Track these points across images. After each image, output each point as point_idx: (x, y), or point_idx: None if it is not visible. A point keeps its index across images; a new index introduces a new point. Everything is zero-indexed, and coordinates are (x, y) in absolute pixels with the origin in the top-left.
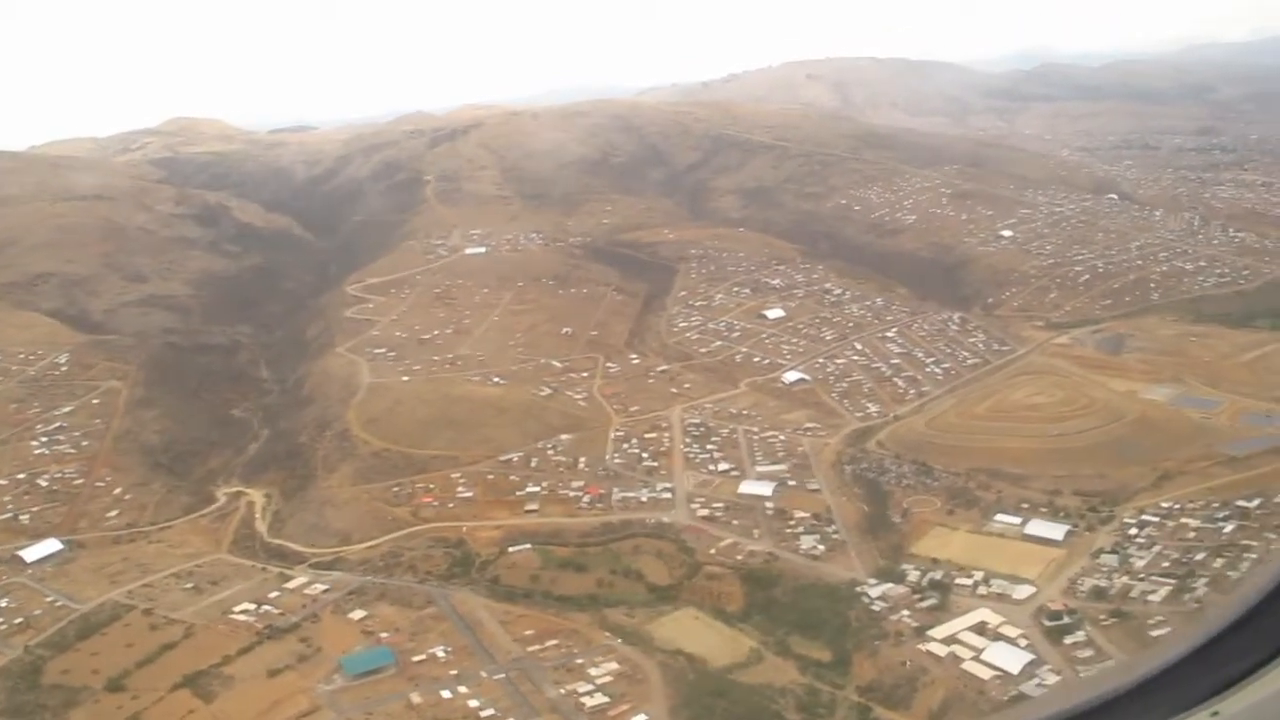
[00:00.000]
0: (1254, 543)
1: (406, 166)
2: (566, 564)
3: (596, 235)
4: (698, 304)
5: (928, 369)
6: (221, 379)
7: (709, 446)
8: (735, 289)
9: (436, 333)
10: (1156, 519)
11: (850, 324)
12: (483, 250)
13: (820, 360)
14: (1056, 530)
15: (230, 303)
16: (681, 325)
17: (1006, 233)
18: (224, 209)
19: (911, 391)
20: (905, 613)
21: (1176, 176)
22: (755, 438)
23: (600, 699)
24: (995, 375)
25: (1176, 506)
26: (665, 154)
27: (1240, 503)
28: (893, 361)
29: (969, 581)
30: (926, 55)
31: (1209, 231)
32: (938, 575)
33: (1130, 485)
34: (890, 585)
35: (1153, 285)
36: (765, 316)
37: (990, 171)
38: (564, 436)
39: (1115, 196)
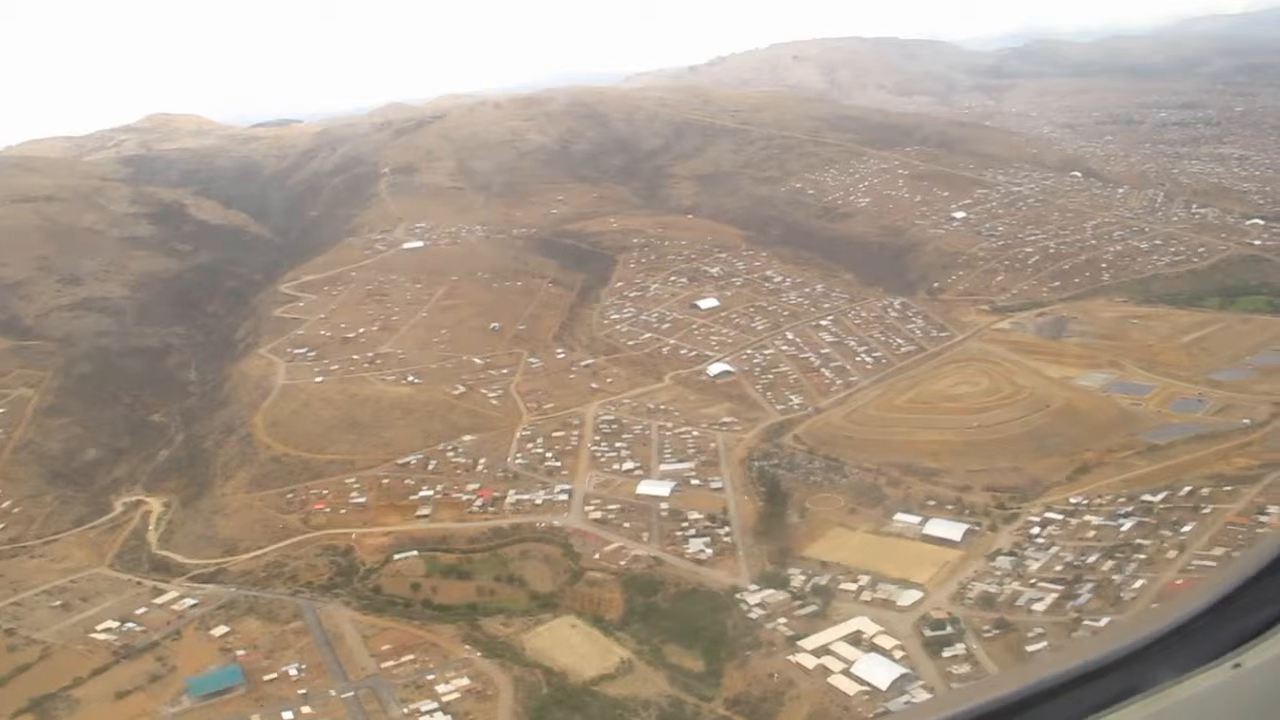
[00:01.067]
0: (1147, 541)
1: (367, 159)
2: (450, 571)
3: (543, 226)
4: (632, 295)
5: (858, 358)
6: (145, 383)
7: (618, 444)
8: (672, 278)
9: (362, 331)
10: (1060, 516)
11: (785, 313)
12: (420, 244)
13: (749, 351)
14: (955, 530)
15: (169, 303)
16: (613, 317)
17: (959, 214)
18: (180, 207)
19: (839, 382)
20: (782, 620)
21: (1154, 151)
22: (669, 434)
23: (442, 719)
24: (927, 363)
25: (1084, 502)
26: (628, 141)
27: (1146, 497)
28: (823, 351)
29: (854, 586)
30: (918, 34)
31: (1171, 208)
32: (823, 580)
33: (1045, 479)
34: (771, 591)
35: (1104, 265)
36: (697, 306)
37: (955, 152)
38: (467, 437)
39: (1079, 174)
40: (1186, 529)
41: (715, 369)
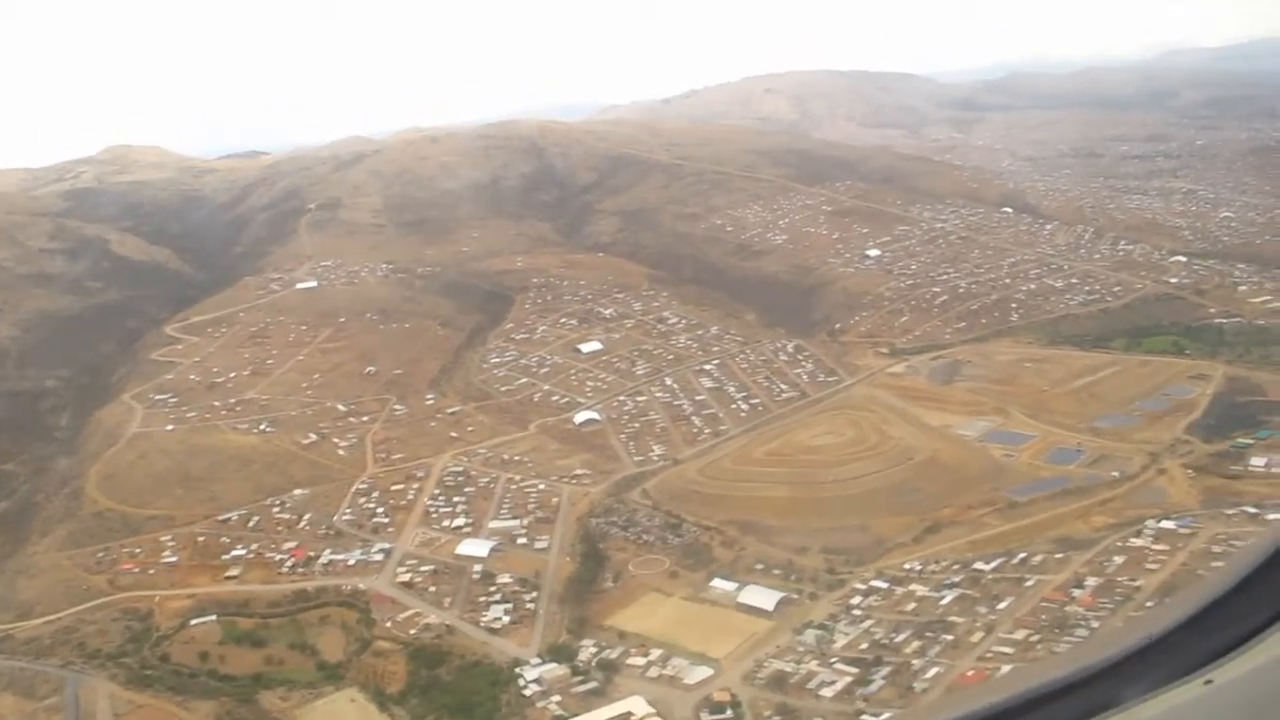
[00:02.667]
0: (961, 619)
1: (300, 195)
2: (245, 638)
3: (449, 264)
4: (519, 337)
5: (734, 405)
6: (7, 428)
7: (456, 499)
8: (563, 320)
9: (232, 375)
10: (886, 585)
11: (670, 356)
12: (314, 285)
13: (622, 398)
14: (769, 599)
15: (59, 344)
16: (494, 361)
17: (874, 252)
18: (101, 243)
19: (707, 431)
20: (556, 699)
21: (1104, 185)
22: (514, 488)
23: None
24: (805, 411)
25: (917, 569)
26: (563, 175)
27: (979, 565)
28: (698, 398)
29: (642, 661)
30: (897, 67)
31: (1097, 245)
32: (614, 653)
33: (889, 540)
34: (553, 665)
35: (1014, 305)
36: (579, 351)
37: (893, 187)
38: (298, 491)
39: (1009, 210)
40: (1003, 605)
41: (581, 417)
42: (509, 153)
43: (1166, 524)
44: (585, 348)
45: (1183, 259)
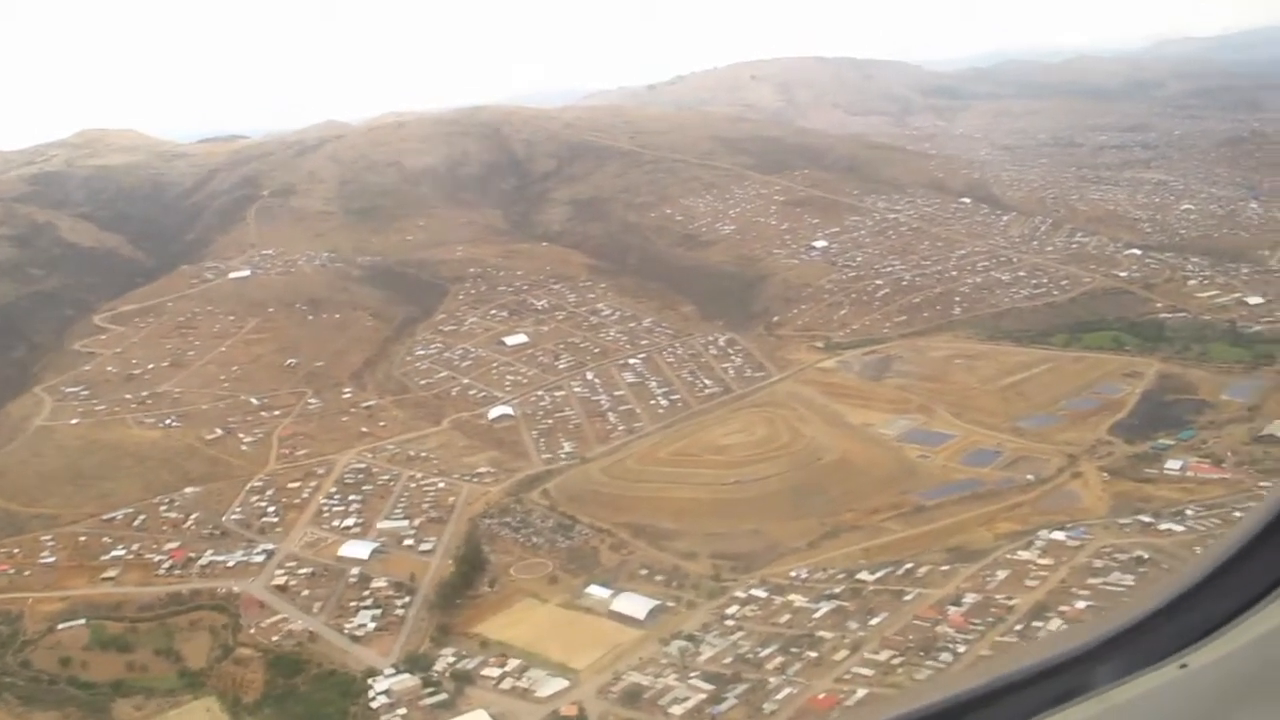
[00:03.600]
0: (830, 634)
1: (257, 181)
2: (112, 642)
3: (391, 254)
4: (447, 330)
5: (654, 401)
6: None
7: (352, 498)
8: (493, 312)
9: (151, 367)
10: (766, 594)
11: (596, 349)
12: (246, 274)
13: (540, 392)
14: (641, 607)
15: None
16: (419, 354)
17: (820, 243)
18: (52, 228)
19: (621, 429)
20: (401, 712)
21: (1075, 176)
22: (414, 486)
23: None
24: (725, 408)
25: (803, 577)
26: (523, 163)
27: (863, 575)
28: (617, 393)
29: (498, 672)
30: (886, 54)
31: (1052, 237)
32: (471, 663)
33: (783, 545)
34: (405, 676)
35: (958, 299)
36: (504, 344)
37: (852, 175)
38: (189, 489)
39: (968, 200)
40: (876, 621)
41: (495, 413)
42: (471, 139)
43: (1057, 535)
44: (510, 340)
45: (1137, 252)
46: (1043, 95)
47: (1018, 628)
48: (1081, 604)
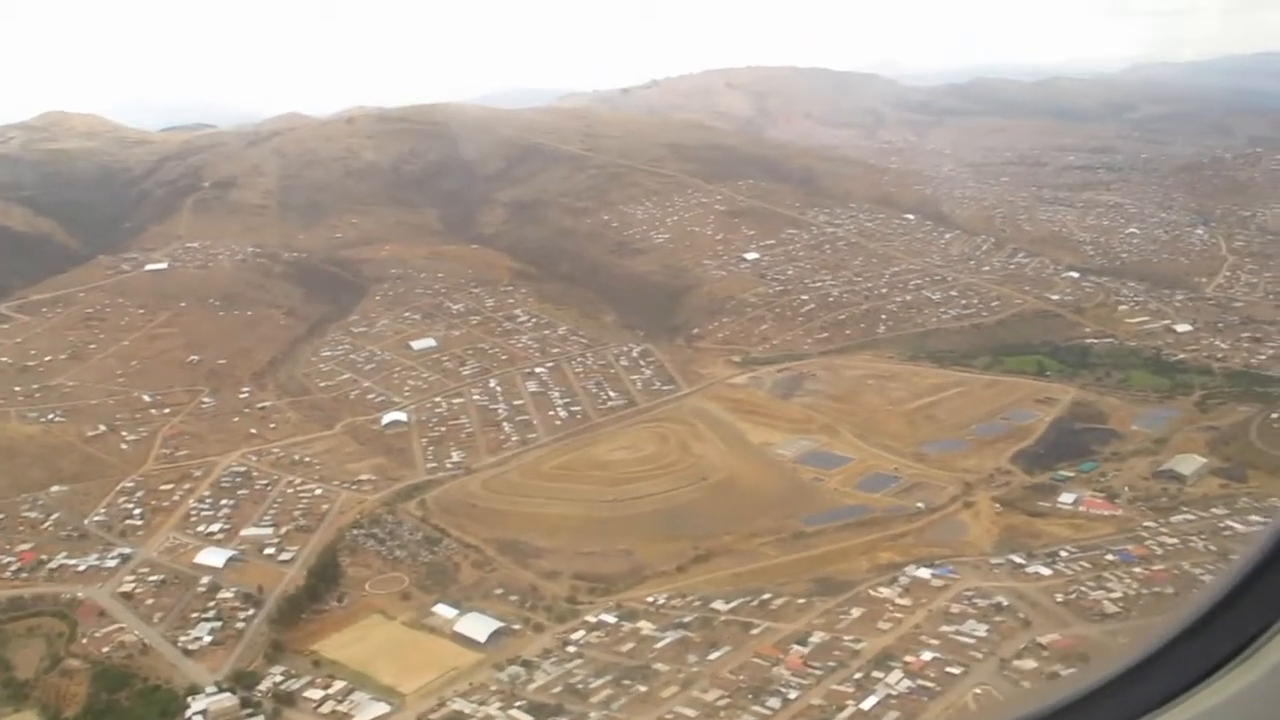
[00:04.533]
0: (666, 668)
1: (202, 171)
2: None
3: (317, 251)
4: (357, 331)
5: (553, 412)
6: None
7: (224, 502)
8: (407, 314)
9: (49, 359)
10: (615, 620)
11: (505, 357)
12: (163, 266)
13: (437, 399)
14: (484, 629)
15: None
16: (325, 355)
17: (752, 255)
18: None
19: (514, 439)
20: None
21: (1031, 195)
22: (290, 491)
23: None
24: (625, 421)
25: (661, 602)
26: (469, 163)
27: (718, 604)
28: (516, 403)
29: (320, 695)
30: (874, 67)
31: (991, 257)
32: (297, 684)
33: (649, 568)
34: (224, 696)
35: (884, 317)
36: (411, 348)
37: (800, 187)
38: (55, 488)
39: (911, 217)
40: (716, 655)
41: (389, 418)
42: (420, 137)
43: (922, 573)
44: (417, 344)
45: (1075, 275)
46: (1016, 114)
47: (856, 676)
48: (927, 655)
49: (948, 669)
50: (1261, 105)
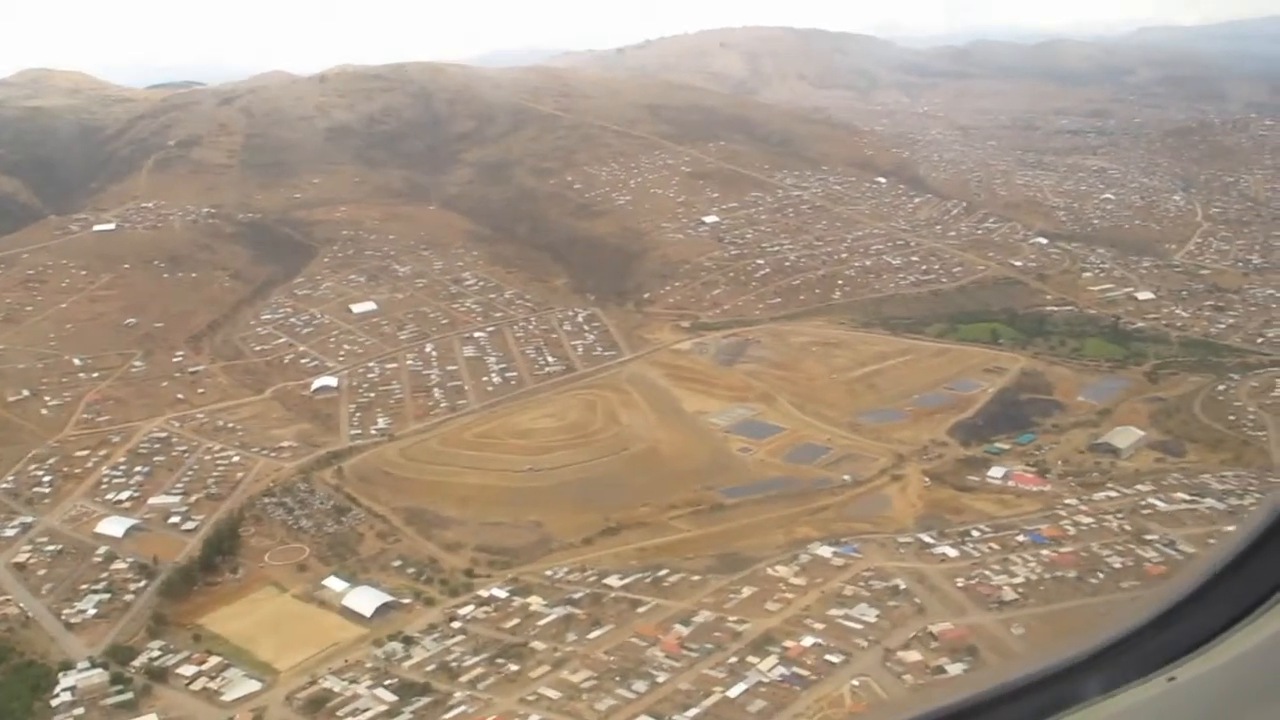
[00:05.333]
0: (544, 646)
1: (172, 130)
2: None
3: (274, 211)
4: (301, 293)
5: (486, 378)
6: None
7: (139, 469)
8: (353, 277)
9: None
10: (506, 594)
11: (445, 321)
12: (110, 227)
13: (372, 364)
14: (370, 603)
15: None
16: (265, 318)
17: (711, 218)
18: None
19: (443, 405)
20: (79, 711)
21: (1015, 159)
22: (208, 458)
23: None
24: (561, 388)
25: (560, 576)
26: (442, 122)
27: (611, 579)
28: (450, 368)
29: (193, 670)
30: (876, 30)
31: (960, 222)
32: (173, 659)
33: (556, 540)
34: (96, 671)
35: (841, 282)
36: (351, 311)
37: (777, 149)
38: None
39: (883, 180)
40: (595, 634)
41: (318, 383)
42: (394, 96)
43: (823, 551)
44: (358, 308)
45: (1043, 241)
46: (1013, 77)
47: (731, 660)
48: (809, 640)
49: (827, 656)
50: (1262, 70)
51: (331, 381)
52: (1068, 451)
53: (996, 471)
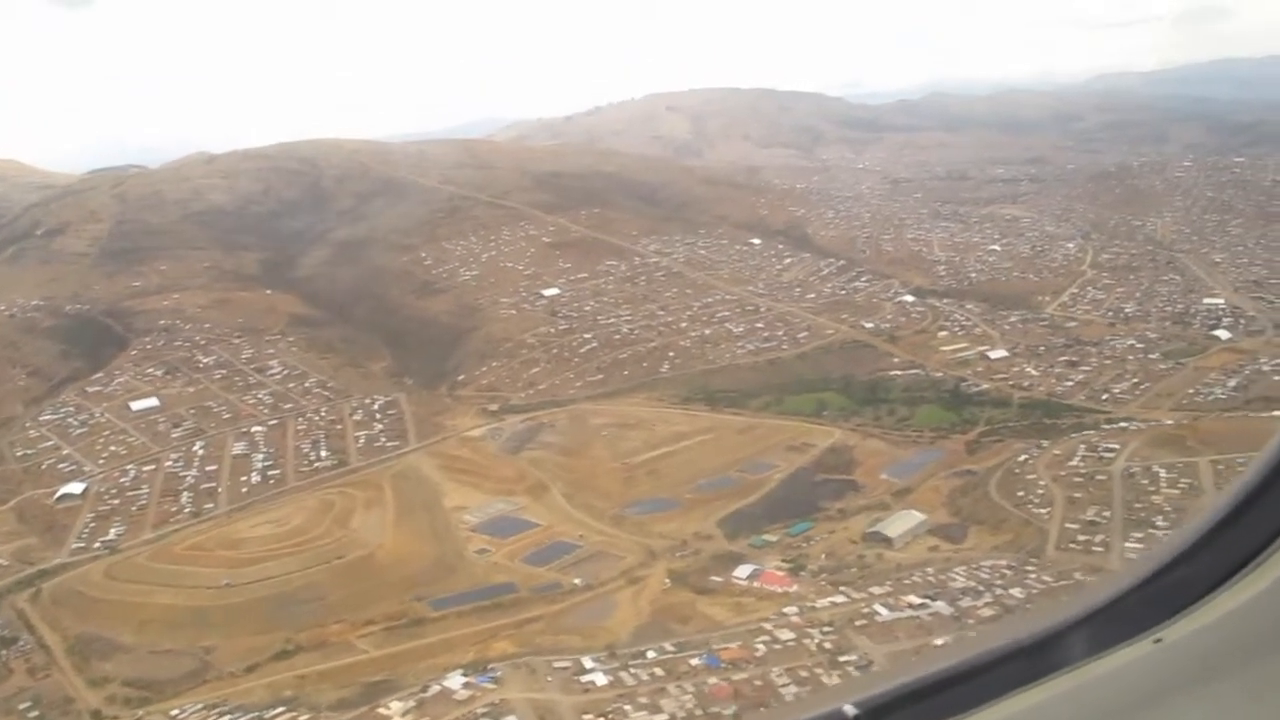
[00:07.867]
0: None
1: (54, 216)
2: None
3: (105, 302)
4: (92, 390)
5: (246, 477)
6: None
7: None
8: (151, 370)
9: None
10: None
11: (229, 415)
12: None
13: (129, 466)
14: None
15: None
16: (44, 419)
17: (551, 291)
18: None
19: (188, 511)
20: None
21: (930, 211)
22: None
23: None
24: (318, 486)
25: (184, 715)
26: (328, 200)
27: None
28: (210, 468)
29: None
30: (834, 88)
31: (827, 282)
32: None
33: (216, 668)
34: None
35: (673, 354)
36: (130, 408)
37: (661, 213)
38: None
39: (758, 241)
40: None
41: (62, 491)
42: (280, 175)
43: (454, 682)
44: (137, 405)
45: (910, 298)
46: (961, 128)
47: None
48: None
49: None
50: (1206, 112)
51: (77, 489)
52: (838, 542)
53: (743, 571)
